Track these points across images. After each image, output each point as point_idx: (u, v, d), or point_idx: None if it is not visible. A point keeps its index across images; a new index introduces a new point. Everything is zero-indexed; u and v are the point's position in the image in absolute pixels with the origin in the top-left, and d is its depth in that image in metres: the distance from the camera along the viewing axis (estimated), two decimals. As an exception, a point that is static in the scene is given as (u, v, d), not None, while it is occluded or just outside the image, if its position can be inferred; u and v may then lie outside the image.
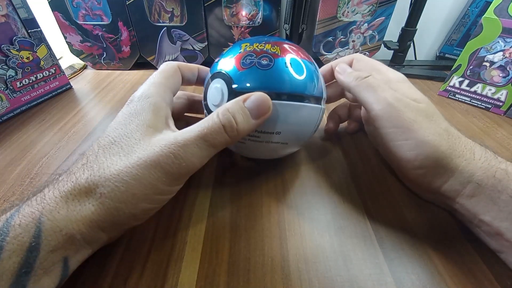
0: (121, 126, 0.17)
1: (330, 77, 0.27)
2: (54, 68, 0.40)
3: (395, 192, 0.24)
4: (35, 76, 0.38)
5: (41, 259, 0.13)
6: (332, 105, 0.32)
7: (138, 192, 0.15)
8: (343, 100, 0.30)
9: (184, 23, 0.46)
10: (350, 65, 0.27)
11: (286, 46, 0.21)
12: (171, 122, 0.20)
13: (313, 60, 0.23)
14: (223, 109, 0.18)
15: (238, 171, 0.26)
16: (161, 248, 0.19)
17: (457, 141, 0.19)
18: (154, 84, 0.20)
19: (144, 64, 0.51)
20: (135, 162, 0.16)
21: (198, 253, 0.19)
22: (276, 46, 0.21)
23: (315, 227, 0.21)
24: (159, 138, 0.17)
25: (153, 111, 0.18)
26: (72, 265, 0.15)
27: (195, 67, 0.24)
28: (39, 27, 0.38)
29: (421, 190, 0.23)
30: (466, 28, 0.50)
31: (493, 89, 0.37)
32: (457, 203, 0.19)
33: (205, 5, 0.45)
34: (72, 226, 0.14)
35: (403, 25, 0.46)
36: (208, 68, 0.24)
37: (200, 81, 0.25)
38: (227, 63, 0.21)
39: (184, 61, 0.50)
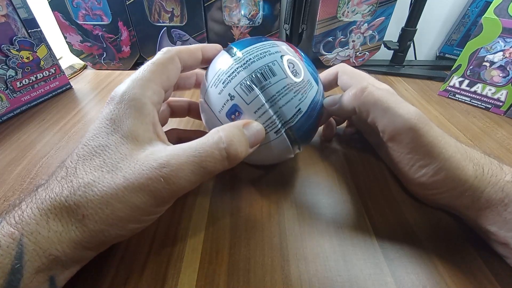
0: (102, 134, 0.16)
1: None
2: (54, 68, 0.40)
3: (395, 192, 0.24)
4: (35, 76, 0.38)
5: (26, 280, 0.12)
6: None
7: (124, 215, 0.14)
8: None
9: (184, 23, 0.46)
10: (335, 78, 0.26)
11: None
12: (160, 129, 0.18)
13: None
14: (227, 135, 0.16)
15: (238, 171, 0.26)
16: (161, 248, 0.19)
17: (467, 158, 0.19)
18: (142, 81, 0.17)
19: (144, 64, 0.51)
20: (121, 183, 0.14)
21: (198, 253, 0.19)
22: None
23: (315, 227, 0.21)
24: (148, 155, 0.15)
25: (138, 118, 0.16)
26: (60, 283, 0.14)
27: (197, 49, 0.21)
28: (39, 27, 0.38)
29: (428, 202, 0.22)
30: (466, 28, 0.50)
31: (493, 89, 0.37)
32: (465, 215, 0.19)
33: (205, 5, 0.45)
34: (55, 248, 0.13)
35: (403, 25, 0.46)
36: (215, 46, 0.22)
37: (206, 62, 0.22)
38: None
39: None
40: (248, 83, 0.19)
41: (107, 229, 0.14)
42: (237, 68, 0.19)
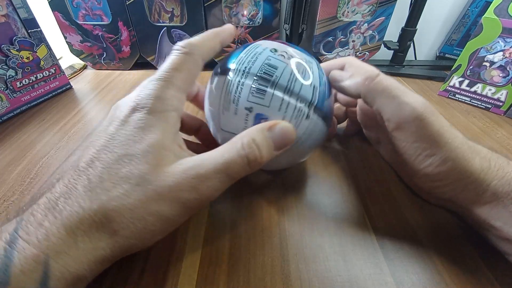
0: (129, 143, 0.14)
1: None
2: (54, 68, 0.40)
3: (395, 192, 0.24)
4: (35, 76, 0.38)
5: None
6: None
7: (155, 228, 0.14)
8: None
9: (184, 23, 0.46)
10: (342, 69, 0.25)
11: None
12: (181, 140, 0.17)
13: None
14: (248, 140, 0.16)
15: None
16: (161, 248, 0.19)
17: (474, 150, 0.18)
18: (168, 89, 0.16)
19: (144, 64, 0.51)
20: (153, 196, 0.14)
21: (198, 253, 0.19)
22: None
23: (315, 227, 0.21)
24: (176, 166, 0.15)
25: (165, 128, 0.15)
26: None
27: (216, 43, 0.19)
28: (39, 27, 0.38)
29: (431, 197, 0.22)
30: (466, 28, 0.50)
31: (493, 89, 0.37)
32: (469, 210, 0.19)
33: (205, 5, 0.45)
34: (83, 267, 0.13)
35: (403, 25, 0.46)
36: (229, 30, 0.20)
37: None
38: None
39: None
40: (258, 87, 0.18)
41: (136, 243, 0.14)
42: (239, 80, 0.18)
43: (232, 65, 0.19)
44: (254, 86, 0.18)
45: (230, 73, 0.19)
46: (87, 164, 0.14)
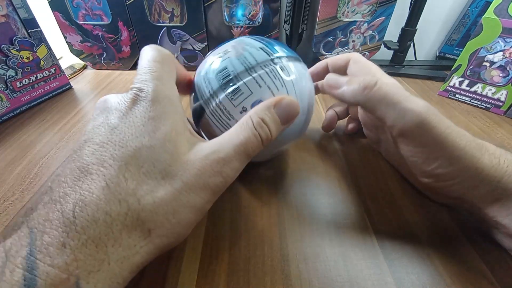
0: (144, 134, 0.13)
1: (324, 76, 0.24)
2: (54, 68, 0.40)
3: (395, 192, 0.24)
4: (35, 76, 0.38)
5: None
6: (330, 102, 0.32)
7: (189, 221, 0.14)
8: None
9: (184, 23, 0.46)
10: (346, 65, 0.25)
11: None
12: (189, 125, 0.18)
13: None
14: (258, 120, 0.16)
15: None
16: (161, 248, 0.19)
17: (483, 147, 0.18)
18: (164, 77, 0.16)
19: (144, 64, 0.51)
20: (181, 187, 0.13)
21: (198, 253, 0.19)
22: None
23: (315, 227, 0.21)
24: (196, 153, 0.15)
25: (175, 116, 0.15)
26: None
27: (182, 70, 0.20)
28: (39, 27, 0.38)
29: (438, 196, 0.22)
30: (466, 28, 0.50)
31: (493, 89, 0.37)
32: (477, 207, 0.19)
33: (205, 5, 0.45)
34: (117, 281, 0.11)
35: (403, 25, 0.46)
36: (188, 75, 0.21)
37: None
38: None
39: (184, 62, 0.50)
40: (231, 90, 0.19)
41: (171, 240, 0.14)
42: (217, 104, 0.19)
43: (200, 102, 0.20)
44: (228, 93, 0.19)
45: (206, 109, 0.20)
46: (97, 165, 0.12)
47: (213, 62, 0.20)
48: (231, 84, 0.19)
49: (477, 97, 0.39)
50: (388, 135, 0.22)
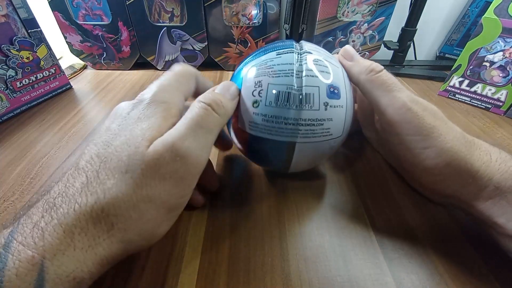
0: (125, 133, 0.15)
1: None
2: (54, 68, 0.40)
3: (395, 192, 0.24)
4: (35, 76, 0.38)
5: None
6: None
7: (152, 217, 0.14)
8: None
9: (184, 23, 0.46)
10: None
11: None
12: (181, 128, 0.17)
13: None
14: (201, 97, 0.17)
15: (238, 172, 0.26)
16: (161, 248, 0.19)
17: (473, 144, 0.18)
18: (170, 87, 0.17)
19: (144, 64, 0.51)
20: (140, 179, 0.13)
21: (198, 253, 0.19)
22: None
23: (315, 227, 0.21)
24: (156, 143, 0.14)
25: (165, 118, 0.16)
26: None
27: (208, 82, 0.21)
28: (39, 27, 0.38)
29: (433, 194, 0.22)
30: (466, 28, 0.50)
31: (493, 89, 0.37)
32: (472, 206, 0.19)
33: (205, 5, 0.45)
34: (81, 268, 0.12)
35: (403, 25, 0.46)
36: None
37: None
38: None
39: (184, 61, 0.50)
40: (299, 91, 0.18)
41: (136, 239, 0.14)
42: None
43: (285, 140, 0.19)
44: (304, 106, 0.18)
45: (297, 139, 0.19)
46: (86, 162, 0.14)
47: (257, 101, 0.18)
48: (299, 96, 0.18)
49: (477, 97, 0.39)
50: (381, 127, 0.22)
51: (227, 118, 0.18)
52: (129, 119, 0.15)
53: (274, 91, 0.18)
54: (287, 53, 0.19)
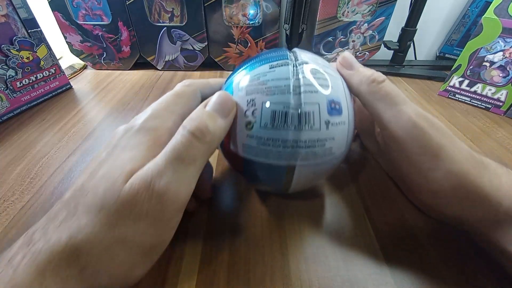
0: (108, 163, 0.14)
1: None
2: (54, 68, 0.40)
3: (395, 192, 0.24)
4: (35, 76, 0.38)
5: None
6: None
7: (124, 260, 0.13)
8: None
9: (184, 23, 0.46)
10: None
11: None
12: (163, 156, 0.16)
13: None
14: (186, 120, 0.15)
15: (238, 173, 0.26)
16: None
17: (482, 165, 0.17)
18: (166, 111, 0.16)
19: (144, 64, 0.51)
20: (114, 218, 0.12)
21: (198, 253, 0.19)
22: None
23: (315, 227, 0.21)
24: (133, 178, 0.13)
25: (149, 147, 0.14)
26: None
27: (217, 84, 0.20)
28: (39, 27, 0.38)
29: (437, 215, 0.21)
30: (466, 28, 0.50)
31: (493, 89, 0.37)
32: (478, 230, 0.17)
33: (205, 5, 0.45)
34: None
35: (403, 25, 0.46)
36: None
37: None
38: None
39: (184, 61, 0.50)
40: (295, 109, 0.16)
41: (109, 282, 0.12)
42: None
43: (282, 163, 0.17)
44: (304, 125, 0.16)
45: (296, 162, 0.17)
46: (70, 195, 0.13)
47: (251, 123, 0.16)
48: (298, 115, 0.16)
49: (477, 97, 0.39)
50: (383, 141, 0.21)
51: (216, 144, 0.16)
52: (117, 148, 0.14)
53: (269, 111, 0.16)
54: (282, 65, 0.17)
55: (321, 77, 0.17)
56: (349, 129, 0.18)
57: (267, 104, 0.16)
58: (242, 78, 0.18)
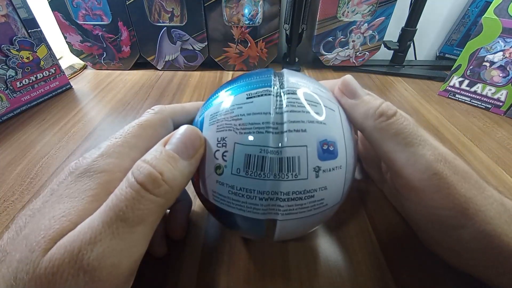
0: (37, 217, 0.11)
1: None
2: (54, 68, 0.40)
3: (395, 192, 0.24)
4: (35, 76, 0.38)
5: None
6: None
7: None
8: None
9: (184, 23, 0.46)
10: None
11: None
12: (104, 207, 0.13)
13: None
14: (136, 165, 0.12)
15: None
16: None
17: (507, 212, 0.14)
18: (122, 148, 0.13)
19: (144, 64, 0.51)
20: None
21: (198, 253, 0.19)
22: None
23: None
24: (59, 244, 0.10)
25: (92, 197, 0.12)
26: None
27: (194, 108, 0.17)
28: (39, 27, 0.38)
29: (448, 261, 0.17)
30: (466, 28, 0.50)
31: (493, 89, 0.37)
32: (495, 284, 0.15)
33: (205, 5, 0.45)
34: None
35: (403, 25, 0.46)
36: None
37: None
38: None
39: (184, 61, 0.50)
40: (277, 154, 0.13)
41: None
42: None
43: (261, 218, 0.14)
44: (288, 174, 0.13)
45: (278, 217, 0.13)
46: (2, 248, 0.11)
47: (221, 167, 0.13)
48: (278, 161, 0.13)
49: (477, 97, 0.39)
50: (393, 185, 0.17)
51: (175, 195, 0.12)
52: (53, 195, 0.12)
53: (242, 155, 0.13)
54: (262, 95, 0.14)
55: (312, 109, 0.14)
56: (347, 175, 0.14)
57: (240, 146, 0.13)
58: (215, 108, 0.14)
